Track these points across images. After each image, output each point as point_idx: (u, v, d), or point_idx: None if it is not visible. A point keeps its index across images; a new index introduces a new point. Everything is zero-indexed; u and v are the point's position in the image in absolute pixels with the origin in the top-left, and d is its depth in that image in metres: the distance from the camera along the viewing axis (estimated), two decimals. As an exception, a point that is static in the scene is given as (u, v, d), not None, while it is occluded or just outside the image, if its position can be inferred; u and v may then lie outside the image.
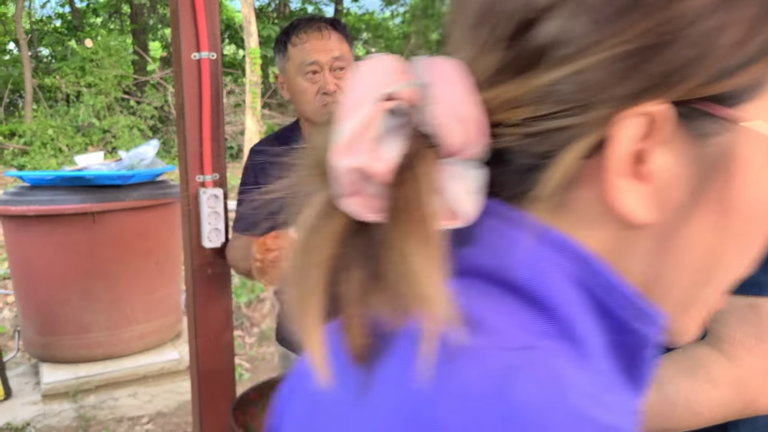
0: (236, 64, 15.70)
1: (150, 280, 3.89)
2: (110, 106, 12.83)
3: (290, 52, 1.78)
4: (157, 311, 3.97)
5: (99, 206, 3.60)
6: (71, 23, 16.02)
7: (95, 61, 12.79)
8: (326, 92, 1.75)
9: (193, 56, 1.93)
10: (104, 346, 3.81)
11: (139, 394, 3.79)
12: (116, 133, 12.34)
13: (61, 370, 3.74)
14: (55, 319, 3.73)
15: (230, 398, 2.10)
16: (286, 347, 2.06)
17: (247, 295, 5.34)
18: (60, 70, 12.99)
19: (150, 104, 13.35)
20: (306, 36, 1.75)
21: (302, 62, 1.75)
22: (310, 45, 1.75)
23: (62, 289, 3.70)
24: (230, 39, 16.69)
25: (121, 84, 13.27)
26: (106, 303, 3.76)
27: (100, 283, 3.72)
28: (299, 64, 1.76)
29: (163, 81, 13.96)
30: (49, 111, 12.62)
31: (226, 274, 2.08)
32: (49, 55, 15.18)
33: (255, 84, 11.41)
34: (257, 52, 11.31)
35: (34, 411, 3.58)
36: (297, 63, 1.76)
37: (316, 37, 1.75)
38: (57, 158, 11.37)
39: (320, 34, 1.75)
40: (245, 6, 11.11)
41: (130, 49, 14.63)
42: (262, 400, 1.66)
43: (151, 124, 13.34)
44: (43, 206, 3.56)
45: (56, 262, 3.66)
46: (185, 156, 1.98)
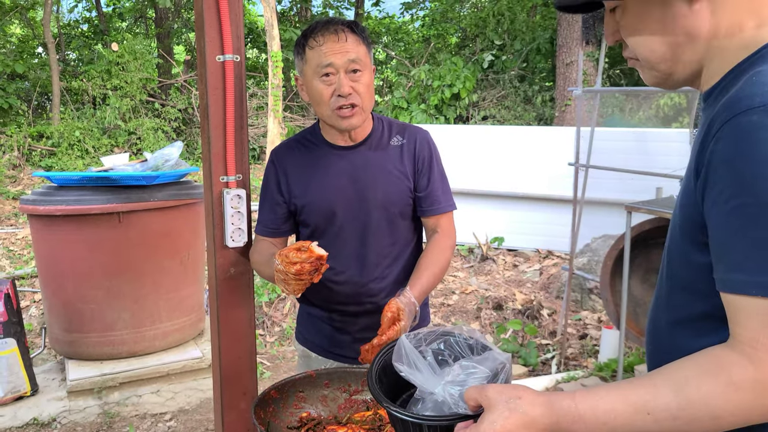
0: (258, 68, 15.81)
1: (174, 279, 3.94)
2: (135, 108, 13.00)
3: (308, 55, 1.80)
4: (181, 310, 4.03)
5: (125, 206, 3.66)
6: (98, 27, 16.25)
7: (121, 65, 12.96)
8: (341, 94, 1.76)
9: (217, 59, 1.96)
10: (128, 343, 3.87)
11: (162, 392, 3.84)
12: (141, 135, 12.49)
13: (86, 366, 3.81)
14: (80, 316, 3.80)
15: (252, 396, 2.13)
16: (307, 347, 2.08)
17: (268, 294, 5.38)
18: (87, 74, 13.17)
19: (174, 107, 13.50)
20: (322, 39, 1.77)
21: (318, 65, 1.77)
22: (327, 47, 1.76)
23: (88, 288, 3.77)
24: (252, 43, 16.81)
25: (146, 87, 13.43)
26: (130, 301, 3.82)
27: (125, 282, 3.79)
28: (315, 66, 1.78)
29: (186, 84, 14.12)
30: (76, 113, 12.81)
31: (248, 273, 2.11)
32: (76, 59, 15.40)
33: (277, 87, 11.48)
34: (279, 56, 11.38)
35: (60, 407, 3.64)
36: (314, 65, 1.78)
37: (333, 39, 1.76)
38: (83, 159, 11.55)
39: (336, 36, 1.76)
40: (267, 10, 11.19)
41: (155, 53, 14.81)
42: (284, 398, 1.68)
43: (175, 126, 13.49)
44: (70, 206, 3.63)
45: (82, 260, 3.73)
46: (209, 157, 2.01)
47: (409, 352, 1.11)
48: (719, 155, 0.88)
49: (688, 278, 1.00)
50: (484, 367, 1.08)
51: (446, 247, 1.91)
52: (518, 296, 5.62)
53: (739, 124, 0.86)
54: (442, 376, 1.08)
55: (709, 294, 0.95)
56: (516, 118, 12.21)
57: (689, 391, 0.87)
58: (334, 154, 1.90)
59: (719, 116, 0.89)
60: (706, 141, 0.91)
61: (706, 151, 0.91)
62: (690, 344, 0.99)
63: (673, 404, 0.87)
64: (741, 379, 0.85)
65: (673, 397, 0.87)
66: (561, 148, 6.54)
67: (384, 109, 12.42)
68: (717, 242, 0.90)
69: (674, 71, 1.02)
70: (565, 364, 4.48)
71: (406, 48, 16.33)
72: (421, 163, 1.90)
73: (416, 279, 1.80)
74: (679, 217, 1.01)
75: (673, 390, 0.88)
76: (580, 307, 5.41)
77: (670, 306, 1.06)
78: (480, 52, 13.37)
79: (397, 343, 1.15)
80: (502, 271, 6.51)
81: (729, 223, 0.87)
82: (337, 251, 1.90)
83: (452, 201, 1.96)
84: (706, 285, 0.95)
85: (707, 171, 0.90)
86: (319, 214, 1.88)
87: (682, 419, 0.87)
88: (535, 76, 13.07)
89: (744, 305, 0.86)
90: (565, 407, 0.91)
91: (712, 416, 0.85)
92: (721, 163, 0.88)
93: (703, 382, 0.86)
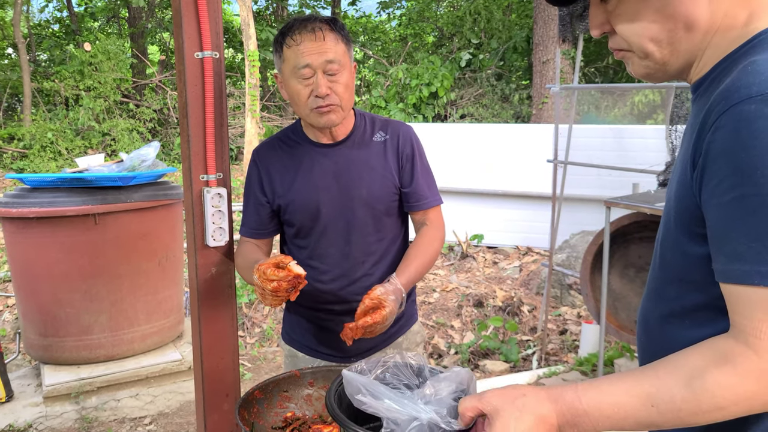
0: (235, 67, 15.70)
1: (152, 281, 3.89)
2: (109, 109, 12.82)
3: (285, 54, 1.76)
4: (159, 312, 3.97)
5: (100, 208, 3.60)
6: (69, 27, 16.01)
7: (94, 65, 12.78)
8: (318, 95, 1.73)
9: (196, 55, 1.93)
10: (106, 347, 3.81)
11: (141, 395, 3.79)
12: (116, 136, 12.33)
13: (62, 371, 3.74)
14: (56, 320, 3.73)
15: (234, 397, 2.10)
16: (294, 347, 2.06)
17: (248, 295, 5.34)
18: (59, 74, 12.95)
19: (149, 107, 13.34)
20: (300, 38, 1.73)
21: (296, 65, 1.73)
22: (304, 47, 1.72)
23: (64, 291, 3.70)
24: (228, 42, 16.68)
25: (120, 87, 13.26)
26: (107, 304, 3.76)
27: (102, 285, 3.73)
28: (293, 66, 1.74)
29: (161, 84, 13.96)
30: (48, 115, 12.60)
31: (230, 272, 2.08)
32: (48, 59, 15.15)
33: (254, 86, 11.41)
34: (256, 55, 11.31)
35: (36, 413, 3.57)
36: (291, 65, 1.74)
37: (310, 38, 1.72)
38: (56, 161, 11.36)
39: (314, 35, 1.72)
40: (243, 9, 11.11)
41: (129, 53, 14.63)
42: (268, 398, 1.66)
43: (151, 127, 13.34)
44: (44, 208, 3.56)
45: (57, 263, 3.66)
46: (189, 155, 1.98)
47: (364, 383, 1.03)
48: (717, 145, 0.87)
49: (683, 269, 1.00)
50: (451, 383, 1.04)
51: (435, 239, 1.89)
52: (498, 293, 5.64)
53: (737, 114, 0.86)
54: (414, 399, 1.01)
55: (704, 285, 0.94)
56: (494, 116, 12.28)
57: (693, 382, 0.87)
58: (317, 152, 1.88)
59: (716, 106, 0.89)
60: (702, 131, 0.91)
61: (703, 142, 0.90)
62: (684, 336, 0.99)
63: (678, 396, 0.87)
64: (745, 369, 0.85)
65: (678, 389, 0.87)
66: (539, 145, 6.58)
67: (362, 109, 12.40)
68: (716, 233, 0.90)
69: (668, 61, 1.01)
70: (545, 359, 4.51)
71: (383, 47, 16.34)
72: (404, 159, 1.88)
73: (404, 267, 1.79)
74: (674, 208, 1.00)
75: (677, 382, 0.88)
76: (560, 303, 5.45)
77: (663, 298, 1.06)
78: (457, 51, 13.42)
79: (344, 379, 1.07)
80: (482, 268, 6.54)
81: (729, 214, 0.87)
82: (322, 250, 1.88)
83: (438, 195, 1.95)
84: (700, 276, 0.95)
85: (705, 161, 0.90)
86: (303, 213, 1.86)
87: (686, 410, 0.87)
88: (512, 75, 13.16)
89: (746, 295, 0.86)
90: (569, 402, 0.92)
91: (716, 407, 0.86)
92: (720, 154, 0.87)
93: (707, 373, 0.86)
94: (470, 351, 4.65)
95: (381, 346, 1.97)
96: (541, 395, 0.93)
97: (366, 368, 1.12)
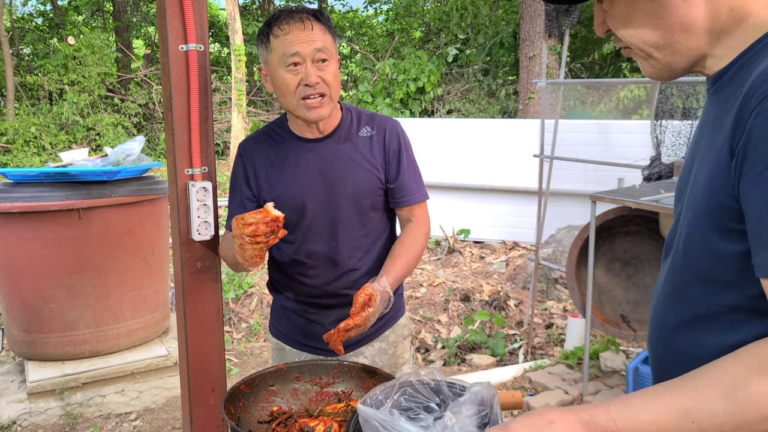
0: (221, 62, 15.60)
1: (137, 276, 3.86)
2: (94, 103, 12.70)
3: (272, 44, 1.75)
4: (145, 308, 3.95)
5: (85, 202, 3.57)
6: (53, 21, 15.82)
7: (78, 59, 12.64)
8: (308, 84, 1.72)
9: (180, 48, 1.92)
10: (91, 343, 3.78)
11: (126, 391, 3.77)
12: (100, 131, 12.22)
13: (47, 367, 3.71)
14: (40, 316, 3.70)
15: (220, 392, 2.09)
16: (281, 340, 2.06)
17: (235, 291, 5.32)
18: (42, 68, 12.81)
19: (134, 102, 13.23)
20: (288, 27, 1.72)
21: (284, 54, 1.72)
22: (292, 36, 1.71)
23: (48, 286, 3.67)
24: (214, 37, 16.57)
25: (105, 82, 13.14)
26: (92, 300, 3.73)
27: (87, 280, 3.69)
28: (281, 55, 1.73)
29: (146, 78, 13.85)
30: (32, 109, 12.45)
31: (216, 267, 2.07)
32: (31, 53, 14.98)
33: (240, 81, 11.34)
34: (242, 49, 11.24)
35: (20, 409, 3.54)
36: (279, 55, 1.74)
37: (298, 28, 1.72)
38: (40, 156, 11.24)
39: (302, 25, 1.72)
40: (230, 3, 11.04)
41: (114, 47, 14.49)
42: (254, 392, 1.66)
43: (136, 121, 13.23)
44: (27, 203, 3.52)
45: (41, 258, 3.63)
46: (173, 149, 1.97)
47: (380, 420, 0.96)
48: (760, 132, 0.82)
49: (711, 269, 0.93)
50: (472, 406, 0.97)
51: (420, 235, 1.89)
52: (485, 287, 5.66)
53: None
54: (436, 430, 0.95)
55: (737, 284, 0.89)
56: (480, 112, 12.30)
57: (737, 393, 0.81)
58: (303, 148, 1.87)
59: (756, 90, 0.83)
60: (741, 117, 0.85)
61: (743, 128, 0.84)
62: (710, 342, 0.94)
63: (720, 409, 0.81)
64: None
65: (719, 402, 0.82)
66: (525, 140, 6.61)
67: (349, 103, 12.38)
68: (758, 225, 0.83)
69: (671, 61, 0.98)
70: (532, 353, 4.54)
71: (370, 42, 16.31)
72: (391, 154, 1.88)
73: (390, 266, 1.78)
74: (703, 204, 0.93)
75: (718, 394, 0.82)
76: (546, 297, 5.48)
77: (684, 302, 0.99)
78: (444, 46, 13.43)
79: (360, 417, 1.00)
80: (468, 263, 6.56)
81: None
82: (308, 245, 1.88)
83: (424, 191, 1.94)
84: (733, 275, 0.89)
85: (745, 149, 0.84)
86: (289, 208, 1.85)
87: (730, 424, 0.81)
88: (498, 70, 13.18)
89: None
90: (603, 425, 0.86)
91: (763, 417, 0.81)
92: (763, 140, 0.81)
93: (751, 382, 0.80)
94: (457, 345, 4.67)
95: (368, 339, 1.96)
96: (571, 420, 0.87)
97: (381, 398, 1.05)
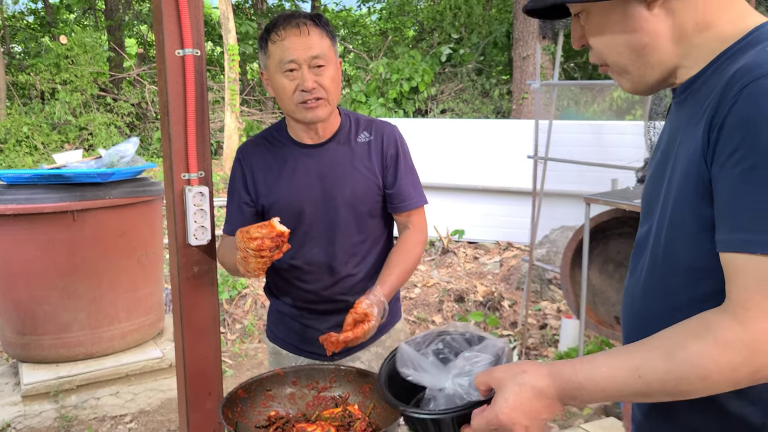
0: (214, 61, 15.56)
1: (132, 278, 3.86)
2: (86, 103, 12.64)
3: (270, 49, 1.77)
4: (139, 309, 3.94)
5: (79, 204, 3.56)
6: (44, 19, 15.74)
7: (70, 58, 12.57)
8: (304, 89, 1.74)
9: (177, 53, 1.91)
10: (85, 345, 3.77)
11: (121, 393, 3.76)
12: (93, 131, 12.16)
13: (41, 370, 3.70)
14: (34, 318, 3.69)
15: (217, 396, 2.09)
16: (278, 345, 2.06)
17: (229, 291, 5.31)
18: (34, 67, 12.73)
19: (127, 101, 13.17)
20: (285, 33, 1.74)
21: (281, 60, 1.74)
22: (289, 42, 1.73)
23: (42, 289, 3.65)
24: (207, 36, 16.53)
25: (97, 81, 13.07)
26: (86, 302, 3.72)
27: (81, 282, 3.69)
28: (278, 61, 1.75)
29: (139, 78, 13.79)
30: (23, 108, 12.38)
31: (212, 271, 2.07)
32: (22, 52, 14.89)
33: (233, 81, 11.32)
34: (235, 49, 11.22)
35: (14, 412, 3.53)
36: (276, 61, 1.76)
37: (295, 33, 1.73)
38: (32, 156, 11.18)
39: (298, 30, 1.73)
40: (222, 2, 11.01)
41: (106, 46, 14.42)
42: (251, 397, 1.66)
43: (128, 121, 13.17)
44: (21, 205, 3.51)
45: (35, 261, 3.62)
46: (170, 154, 1.96)
47: (412, 357, 1.17)
48: (735, 117, 0.88)
49: (694, 258, 0.99)
50: (485, 354, 1.14)
51: (417, 243, 1.90)
52: (479, 288, 5.68)
53: (759, 87, 0.86)
54: (449, 371, 1.14)
55: (716, 270, 0.94)
56: (474, 111, 12.32)
57: (675, 353, 0.89)
58: (301, 153, 1.87)
59: (735, 83, 0.89)
60: (720, 108, 0.90)
61: (721, 117, 0.90)
62: None
63: (661, 367, 0.90)
64: (726, 339, 0.86)
65: (661, 361, 0.90)
66: (519, 140, 6.62)
67: (342, 103, 12.37)
68: (723, 204, 0.90)
69: (644, 74, 1.04)
70: (526, 353, 4.56)
71: (363, 41, 16.31)
72: (389, 160, 1.88)
73: (386, 276, 1.79)
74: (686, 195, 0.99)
75: (663, 353, 0.91)
76: (540, 298, 5.50)
77: (666, 292, 1.05)
78: (438, 46, 13.43)
79: (398, 350, 1.21)
80: (463, 263, 6.57)
81: (738, 185, 0.87)
82: (305, 250, 1.88)
83: (423, 196, 1.94)
84: (711, 261, 0.95)
85: (719, 135, 0.90)
86: (287, 213, 1.86)
87: (670, 381, 0.90)
88: (492, 70, 13.20)
89: (743, 265, 0.87)
90: (566, 376, 0.97)
91: (699, 377, 0.88)
92: (737, 125, 0.87)
93: (690, 344, 0.89)
94: (451, 346, 4.68)
95: (365, 344, 1.96)
96: (542, 371, 1.00)
97: (421, 340, 1.26)
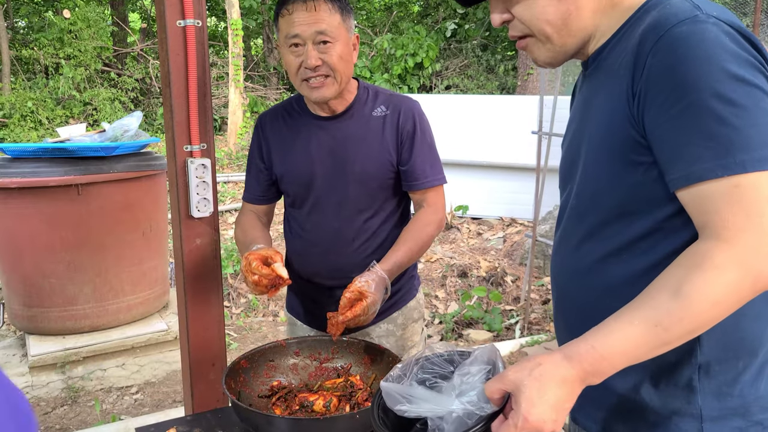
0: (218, 36, 15.46)
1: (136, 251, 3.88)
2: (90, 78, 12.61)
3: (280, 23, 1.75)
4: (144, 283, 3.97)
5: (83, 178, 3.57)
6: (48, -7, 15.62)
7: (74, 33, 12.51)
8: (307, 66, 1.71)
9: (178, 23, 1.91)
10: (91, 317, 3.81)
11: (127, 365, 3.81)
12: (97, 106, 12.15)
13: (48, 342, 3.75)
14: (40, 291, 3.72)
15: (221, 367, 2.12)
16: (293, 315, 2.08)
17: (233, 266, 5.35)
18: (38, 42, 12.68)
19: (131, 76, 13.13)
20: (293, 7, 1.71)
21: (287, 35, 1.72)
22: (296, 17, 1.70)
23: (48, 262, 3.68)
24: (210, 10, 16.39)
25: (101, 56, 13.02)
26: (92, 275, 3.75)
27: (86, 255, 3.71)
28: (285, 36, 1.73)
29: (143, 53, 13.73)
30: (28, 83, 12.36)
31: (215, 243, 2.08)
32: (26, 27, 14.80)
33: (237, 56, 11.25)
34: (239, 24, 11.13)
35: (22, 383, 3.58)
36: (283, 35, 1.74)
37: (302, 9, 1.70)
38: (37, 131, 11.19)
39: (306, 5, 1.70)
40: (226, -25, 10.91)
41: (109, 20, 14.33)
42: (254, 368, 1.68)
43: (133, 96, 13.15)
44: (26, 178, 3.52)
45: (41, 234, 3.64)
46: (172, 126, 1.96)
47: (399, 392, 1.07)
48: (658, 67, 0.94)
49: (623, 202, 1.04)
50: (478, 365, 1.05)
51: (429, 222, 1.84)
52: (482, 264, 5.69)
53: (671, 36, 0.93)
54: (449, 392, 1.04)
55: (649, 210, 1.01)
56: (479, 87, 12.24)
57: (682, 288, 0.89)
58: (315, 125, 1.86)
59: (647, 39, 0.96)
60: (638, 62, 0.97)
61: (642, 69, 0.96)
62: (621, 272, 1.06)
63: (674, 307, 0.89)
64: (722, 260, 0.89)
65: (673, 301, 0.90)
66: (524, 116, 6.58)
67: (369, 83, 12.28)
68: (670, 146, 0.94)
69: (566, 42, 1.10)
70: (528, 328, 4.58)
71: (368, 17, 16.14)
72: (404, 136, 1.82)
73: (392, 253, 1.76)
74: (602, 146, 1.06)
75: (669, 295, 0.90)
76: (543, 273, 5.51)
77: (597, 241, 1.09)
78: (442, 21, 13.30)
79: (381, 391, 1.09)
80: (466, 239, 6.58)
81: (680, 123, 0.92)
82: (314, 222, 1.88)
83: (441, 174, 1.87)
84: (641, 204, 1.01)
85: (646, 87, 0.96)
86: (297, 184, 1.85)
87: (687, 317, 0.89)
88: (497, 45, 13.08)
89: (710, 191, 0.91)
90: (585, 354, 0.92)
91: (711, 303, 0.89)
92: (662, 74, 0.94)
93: (692, 276, 0.89)
94: (454, 320, 4.71)
95: (375, 320, 1.90)
96: (557, 358, 0.93)
97: (401, 373, 1.14)
